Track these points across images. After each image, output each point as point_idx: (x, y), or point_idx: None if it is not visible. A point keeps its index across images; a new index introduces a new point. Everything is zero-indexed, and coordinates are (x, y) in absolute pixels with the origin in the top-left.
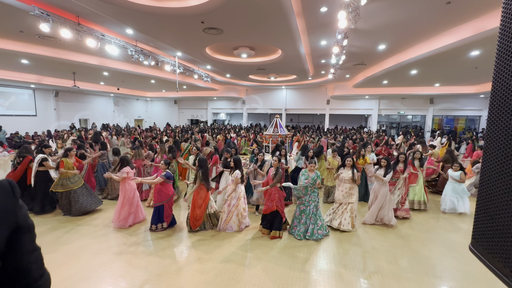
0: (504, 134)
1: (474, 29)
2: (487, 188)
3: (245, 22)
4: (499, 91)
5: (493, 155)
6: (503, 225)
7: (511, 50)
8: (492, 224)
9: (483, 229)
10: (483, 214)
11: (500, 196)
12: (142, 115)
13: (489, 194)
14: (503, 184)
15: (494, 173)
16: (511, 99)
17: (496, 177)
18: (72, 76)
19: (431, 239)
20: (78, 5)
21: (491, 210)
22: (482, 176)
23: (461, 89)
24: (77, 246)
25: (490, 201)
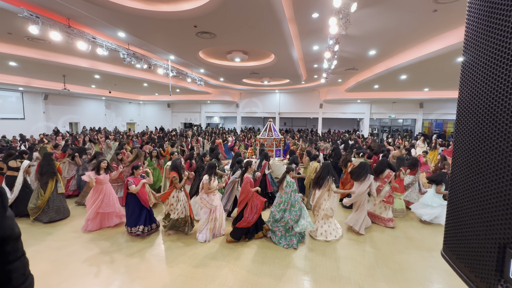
0: (470, 142)
1: (460, 36)
2: (456, 197)
3: (238, 26)
4: (465, 102)
5: (461, 164)
6: (469, 232)
7: (474, 62)
8: (460, 231)
9: (452, 236)
10: (453, 221)
11: (466, 204)
12: (134, 119)
13: (457, 203)
14: (469, 193)
15: (461, 182)
16: (475, 107)
17: (463, 186)
18: (62, 79)
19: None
20: (69, 8)
21: (459, 218)
22: (452, 184)
23: (449, 93)
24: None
25: (458, 209)
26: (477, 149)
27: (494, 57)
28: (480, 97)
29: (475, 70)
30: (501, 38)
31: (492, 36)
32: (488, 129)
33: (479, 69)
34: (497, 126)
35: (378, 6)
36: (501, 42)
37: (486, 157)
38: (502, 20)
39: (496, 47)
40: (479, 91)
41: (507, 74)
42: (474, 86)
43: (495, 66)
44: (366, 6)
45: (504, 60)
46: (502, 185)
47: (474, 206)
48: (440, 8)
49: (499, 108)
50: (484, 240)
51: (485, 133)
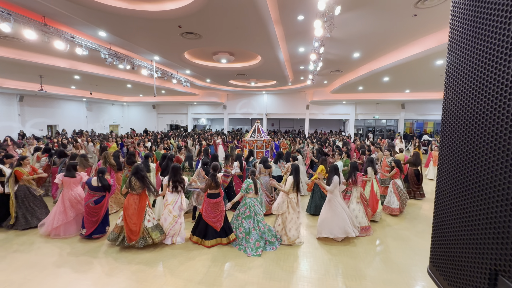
0: (455, 152)
1: (438, 40)
2: (441, 212)
3: (223, 27)
4: (450, 106)
5: (446, 176)
6: (456, 252)
7: (459, 63)
8: (447, 251)
9: (438, 254)
10: (439, 238)
11: (453, 222)
12: (118, 121)
13: (443, 219)
14: (456, 210)
15: (447, 196)
16: (462, 112)
17: (450, 202)
18: (39, 80)
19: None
20: (44, 5)
21: (445, 236)
22: (437, 198)
23: (428, 95)
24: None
25: (444, 226)
26: (464, 160)
27: (481, 56)
28: (467, 101)
29: (461, 72)
30: (490, 35)
31: (479, 34)
32: (477, 138)
33: (465, 71)
34: (487, 134)
35: (361, 10)
36: (489, 40)
37: (473, 171)
38: (490, 18)
39: (483, 46)
40: (466, 94)
41: (498, 74)
42: (460, 89)
43: (483, 66)
44: (350, 9)
45: (493, 59)
46: (493, 206)
47: (462, 225)
48: (420, 13)
49: (489, 112)
50: (473, 263)
51: (473, 141)
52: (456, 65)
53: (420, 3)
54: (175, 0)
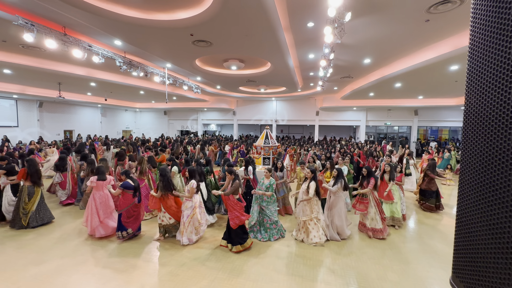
0: (479, 158)
1: (452, 45)
2: (465, 222)
3: (234, 35)
4: (473, 112)
5: (470, 182)
6: (483, 264)
7: (480, 67)
8: (471, 261)
9: (462, 264)
10: (462, 249)
11: (479, 232)
12: (130, 126)
13: (467, 229)
14: (482, 220)
15: (471, 206)
16: (485, 117)
17: (473, 212)
18: (57, 87)
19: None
20: (65, 16)
21: (470, 246)
22: (459, 207)
23: (443, 101)
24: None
25: (469, 237)
26: (488, 166)
27: (506, 58)
28: (491, 107)
29: (484, 76)
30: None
31: (502, 35)
32: (502, 143)
33: (488, 74)
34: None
35: (371, 16)
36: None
37: (499, 175)
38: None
39: (508, 48)
40: (491, 100)
41: None
42: (483, 94)
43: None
44: (360, 16)
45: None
46: None
47: (488, 234)
48: (432, 18)
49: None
50: (501, 273)
51: (498, 147)
52: (478, 68)
53: (433, 8)
54: (187, 9)
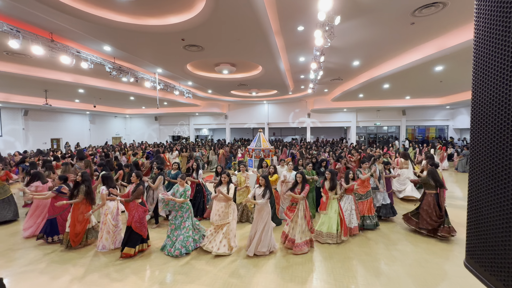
0: (489, 141)
1: (436, 47)
2: (476, 201)
3: (225, 39)
4: (479, 102)
5: (480, 164)
6: (496, 240)
7: (486, 60)
8: (484, 239)
9: (476, 244)
10: (475, 228)
11: (490, 209)
12: (120, 133)
13: (478, 207)
14: (492, 195)
15: (482, 185)
16: (492, 109)
17: (484, 188)
18: (44, 94)
19: None
20: (52, 22)
21: (482, 225)
22: (470, 188)
23: (429, 101)
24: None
25: (481, 215)
26: (500, 145)
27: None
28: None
29: (492, 69)
30: None
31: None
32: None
33: (494, 67)
34: None
35: (359, 19)
36: None
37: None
38: None
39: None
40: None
41: None
42: (491, 89)
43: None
44: (349, 19)
45: None
46: None
47: (501, 208)
48: (417, 21)
49: None
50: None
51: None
52: (484, 60)
53: (418, 12)
54: (179, 14)
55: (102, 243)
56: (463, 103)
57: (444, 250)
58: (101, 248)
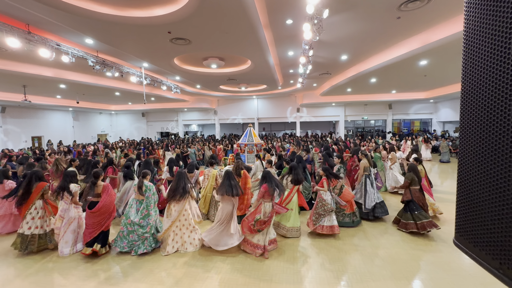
0: (479, 118)
1: (421, 41)
2: (465, 178)
3: (213, 33)
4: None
5: (470, 140)
6: (485, 215)
7: (476, 50)
8: (474, 215)
9: (465, 221)
10: (464, 206)
11: (479, 184)
12: (106, 130)
13: (468, 185)
14: (480, 170)
15: (471, 161)
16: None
17: (473, 164)
18: (22, 90)
19: None
20: (29, 13)
21: (472, 201)
22: (460, 165)
23: (414, 95)
24: None
25: (470, 192)
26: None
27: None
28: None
29: (483, 58)
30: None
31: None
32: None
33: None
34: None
35: (347, 13)
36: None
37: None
38: None
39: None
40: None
41: None
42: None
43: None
44: (337, 12)
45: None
46: None
47: (489, 183)
48: (403, 15)
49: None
50: (506, 225)
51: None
52: (474, 50)
53: (404, 6)
54: (164, 6)
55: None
56: (446, 96)
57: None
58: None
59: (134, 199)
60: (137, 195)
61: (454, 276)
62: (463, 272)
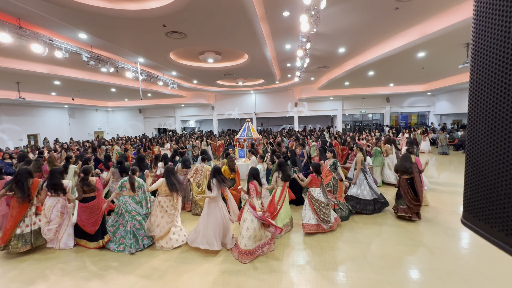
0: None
1: (419, 33)
2: (475, 152)
3: (209, 26)
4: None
5: (479, 115)
6: (498, 189)
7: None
8: (485, 191)
9: (474, 198)
10: (473, 181)
11: (490, 157)
12: (103, 127)
13: (477, 158)
14: (492, 141)
15: (481, 132)
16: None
17: (484, 136)
18: (16, 87)
19: None
20: (19, 6)
21: (482, 176)
22: (469, 141)
23: (411, 88)
24: None
25: (480, 166)
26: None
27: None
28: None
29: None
30: None
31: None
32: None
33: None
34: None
35: (345, 4)
36: None
37: None
38: None
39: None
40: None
41: None
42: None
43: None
44: (334, 3)
45: None
46: None
47: (505, 154)
48: (401, 6)
49: None
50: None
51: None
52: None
53: None
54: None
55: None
56: (443, 89)
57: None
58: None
59: (125, 196)
60: (128, 192)
61: (450, 265)
62: (460, 261)
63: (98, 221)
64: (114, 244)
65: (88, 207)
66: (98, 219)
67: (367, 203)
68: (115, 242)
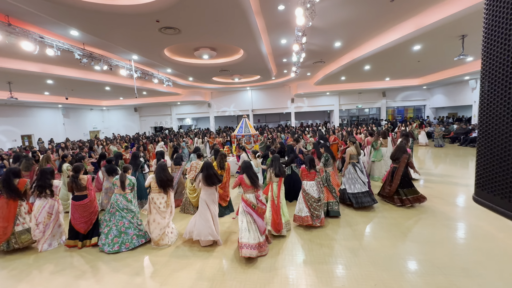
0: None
1: (415, 25)
2: (488, 127)
3: (203, 21)
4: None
5: (494, 82)
6: (505, 160)
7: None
8: (497, 164)
9: (488, 173)
10: (486, 155)
11: (500, 130)
12: (98, 126)
13: (490, 133)
14: (501, 118)
15: (494, 108)
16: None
17: (497, 112)
18: (7, 86)
19: None
20: (7, 3)
21: (497, 149)
22: (481, 115)
23: (407, 82)
24: None
25: (493, 140)
26: None
27: None
28: None
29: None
30: None
31: None
32: None
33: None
34: None
35: None
36: None
37: None
38: None
39: None
40: None
41: None
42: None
43: None
44: None
45: None
46: None
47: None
48: None
49: None
50: None
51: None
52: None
53: None
54: None
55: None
56: (439, 82)
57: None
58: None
59: (116, 193)
60: (119, 190)
61: (448, 255)
62: (458, 251)
63: (92, 220)
64: (108, 246)
65: (81, 205)
66: (91, 218)
67: (363, 195)
68: (108, 244)
